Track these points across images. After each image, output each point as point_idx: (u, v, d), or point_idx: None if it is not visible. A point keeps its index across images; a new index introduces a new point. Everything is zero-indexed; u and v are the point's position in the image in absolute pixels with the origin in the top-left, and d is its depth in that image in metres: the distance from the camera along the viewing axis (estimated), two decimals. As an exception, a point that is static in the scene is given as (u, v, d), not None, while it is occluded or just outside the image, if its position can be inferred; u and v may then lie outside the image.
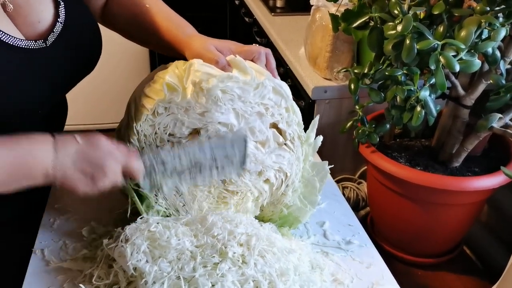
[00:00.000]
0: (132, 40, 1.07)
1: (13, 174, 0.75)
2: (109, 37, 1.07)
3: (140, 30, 1.03)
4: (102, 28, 1.02)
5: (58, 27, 0.89)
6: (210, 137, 0.87)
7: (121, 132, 0.93)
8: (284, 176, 0.94)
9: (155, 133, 0.86)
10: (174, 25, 0.99)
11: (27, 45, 0.84)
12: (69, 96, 1.06)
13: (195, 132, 0.87)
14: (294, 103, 0.91)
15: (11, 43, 0.81)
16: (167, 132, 0.86)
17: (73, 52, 0.93)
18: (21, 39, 0.84)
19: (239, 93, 0.85)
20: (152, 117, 0.84)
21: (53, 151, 0.76)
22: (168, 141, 0.86)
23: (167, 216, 0.91)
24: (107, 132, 0.93)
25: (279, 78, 0.93)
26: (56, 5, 0.91)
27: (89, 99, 3.00)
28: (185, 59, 0.93)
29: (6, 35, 0.81)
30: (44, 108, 0.91)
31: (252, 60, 0.91)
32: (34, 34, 0.87)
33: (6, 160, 0.74)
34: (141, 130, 0.85)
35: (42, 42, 0.87)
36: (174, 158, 0.84)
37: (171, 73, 0.86)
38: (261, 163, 0.91)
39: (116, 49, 2.75)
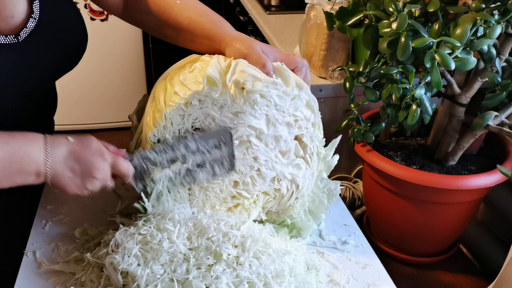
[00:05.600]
0: (155, 35, 1.04)
1: (6, 169, 0.74)
2: (106, 37, 1.06)
3: (167, 26, 0.99)
4: (99, 29, 1.00)
5: (32, 23, 0.88)
6: (194, 135, 0.86)
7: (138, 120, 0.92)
8: (295, 187, 0.94)
9: (183, 123, 0.84)
10: (210, 21, 0.96)
11: None
12: (64, 97, 1.05)
13: None
14: (320, 120, 0.92)
15: None
16: (194, 126, 0.85)
17: (49, 49, 0.91)
18: None
19: (277, 101, 0.85)
20: (184, 107, 0.82)
21: (45, 148, 0.76)
22: (192, 133, 0.85)
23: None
24: (102, 132, 0.92)
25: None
26: (30, 1, 0.89)
27: (85, 100, 2.99)
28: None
29: None
30: (17, 105, 0.90)
31: (293, 70, 0.90)
32: (7, 29, 0.86)
33: (1, 154, 0.74)
34: (169, 118, 0.83)
35: (14, 38, 0.85)
36: (160, 154, 0.84)
37: (213, 67, 0.83)
38: (277, 172, 0.91)
39: (113, 50, 2.77)
